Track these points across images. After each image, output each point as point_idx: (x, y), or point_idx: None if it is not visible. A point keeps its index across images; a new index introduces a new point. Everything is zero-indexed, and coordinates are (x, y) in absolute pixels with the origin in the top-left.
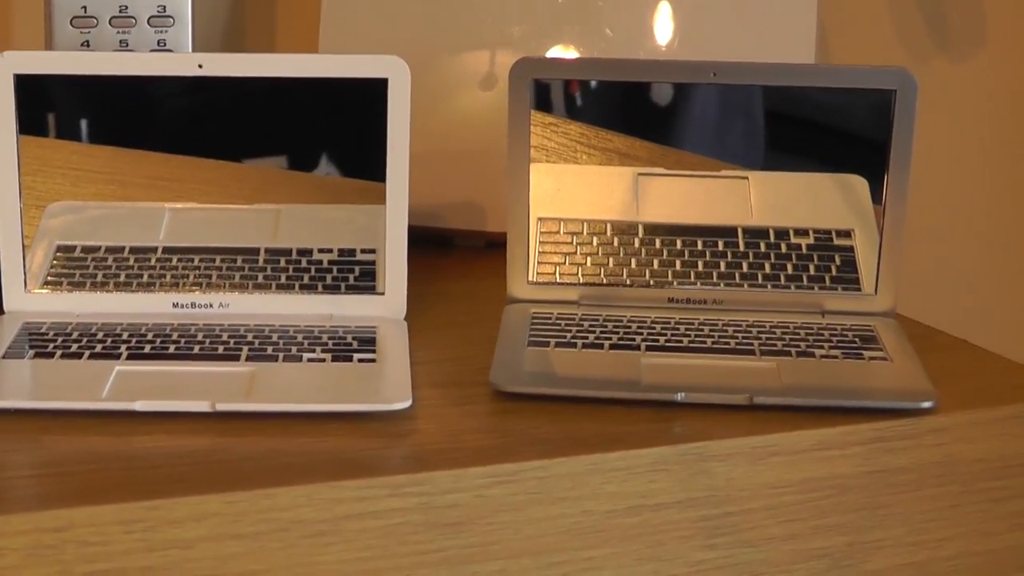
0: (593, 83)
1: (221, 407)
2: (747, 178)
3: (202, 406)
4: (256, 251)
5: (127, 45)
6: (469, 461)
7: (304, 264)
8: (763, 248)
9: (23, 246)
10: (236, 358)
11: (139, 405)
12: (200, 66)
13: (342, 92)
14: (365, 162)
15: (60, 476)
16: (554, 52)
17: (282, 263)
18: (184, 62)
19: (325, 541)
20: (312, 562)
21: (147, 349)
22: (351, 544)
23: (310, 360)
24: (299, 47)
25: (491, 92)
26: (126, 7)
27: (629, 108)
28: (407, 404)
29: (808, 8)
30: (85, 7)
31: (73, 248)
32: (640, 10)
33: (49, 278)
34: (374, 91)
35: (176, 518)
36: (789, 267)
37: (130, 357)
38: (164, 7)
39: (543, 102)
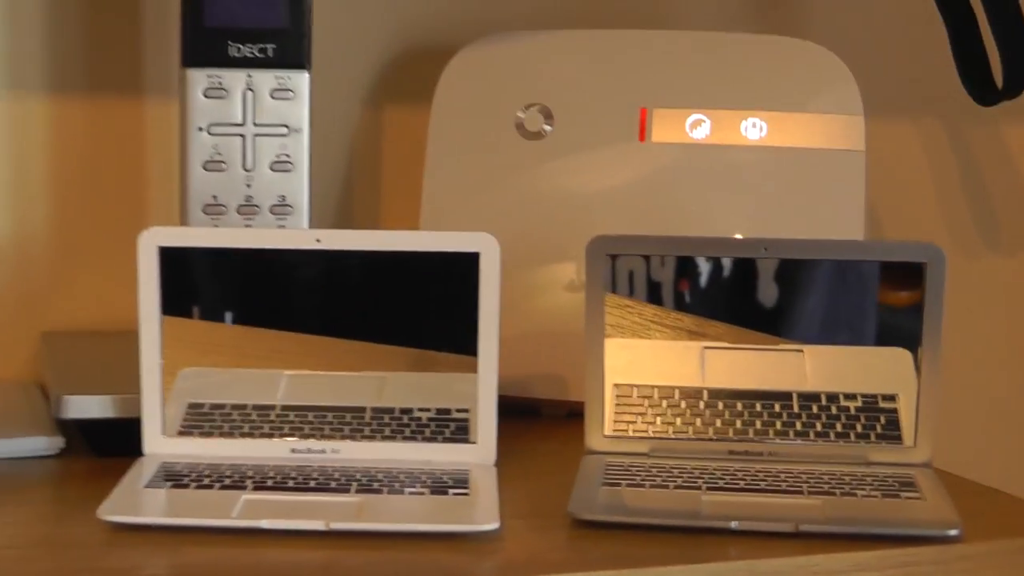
0: (663, 266)
1: (335, 526)
2: (802, 351)
3: (318, 525)
4: (363, 409)
5: None
6: (550, 571)
7: (405, 420)
8: (815, 410)
9: (163, 399)
10: (347, 491)
11: (264, 523)
12: (318, 240)
13: (439, 267)
14: (459, 334)
15: (192, 573)
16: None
17: (385, 419)
18: (304, 237)
19: None
20: None
21: (269, 483)
22: None
23: (411, 493)
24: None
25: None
26: (251, 197)
27: (699, 289)
28: (496, 526)
29: (856, 190)
30: (216, 196)
31: (202, 405)
32: (707, 194)
33: (182, 429)
34: (467, 266)
35: None
36: (838, 426)
37: (255, 488)
38: (284, 196)
39: (619, 284)
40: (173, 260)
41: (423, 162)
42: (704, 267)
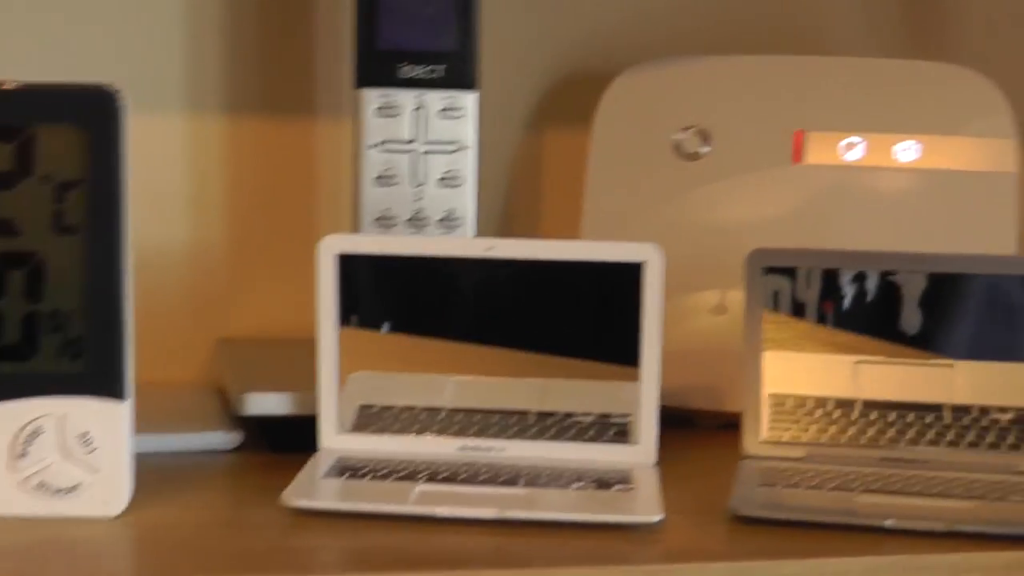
0: (812, 282)
1: (506, 515)
2: (952, 366)
3: (490, 513)
4: (526, 413)
5: None
6: (711, 559)
7: (567, 423)
8: (966, 421)
9: (338, 398)
10: (515, 484)
11: (439, 511)
12: (490, 248)
13: (603, 277)
14: (619, 344)
15: (370, 555)
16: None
17: (548, 422)
18: (477, 245)
19: None
20: None
21: (441, 476)
22: None
23: (576, 488)
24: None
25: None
26: (420, 210)
27: (849, 305)
28: (659, 518)
29: (1008, 212)
30: (387, 209)
31: (372, 406)
32: (859, 215)
33: (354, 426)
34: (631, 276)
35: None
36: (989, 436)
37: (428, 480)
38: (451, 210)
39: (772, 298)
40: (344, 270)
41: (581, 184)
42: (855, 283)
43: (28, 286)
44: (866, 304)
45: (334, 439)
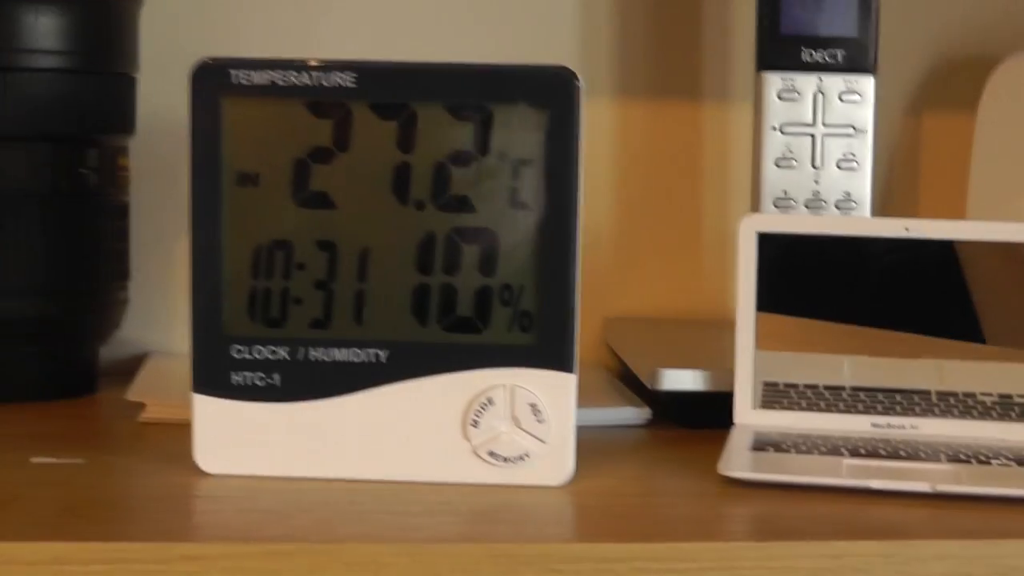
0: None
1: (940, 488)
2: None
3: (924, 487)
4: (928, 392)
5: None
6: None
7: (970, 403)
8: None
9: (754, 375)
10: (937, 460)
11: (874, 483)
12: (907, 229)
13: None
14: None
15: (810, 524)
16: None
17: (951, 401)
18: (893, 225)
19: None
20: None
21: (862, 452)
22: None
23: (998, 464)
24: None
25: None
26: (818, 192)
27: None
28: None
29: None
30: (785, 191)
31: (776, 384)
32: None
33: (763, 403)
34: None
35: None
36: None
37: (851, 455)
38: (849, 193)
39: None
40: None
41: (958, 169)
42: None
43: (482, 261)
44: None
45: (749, 415)
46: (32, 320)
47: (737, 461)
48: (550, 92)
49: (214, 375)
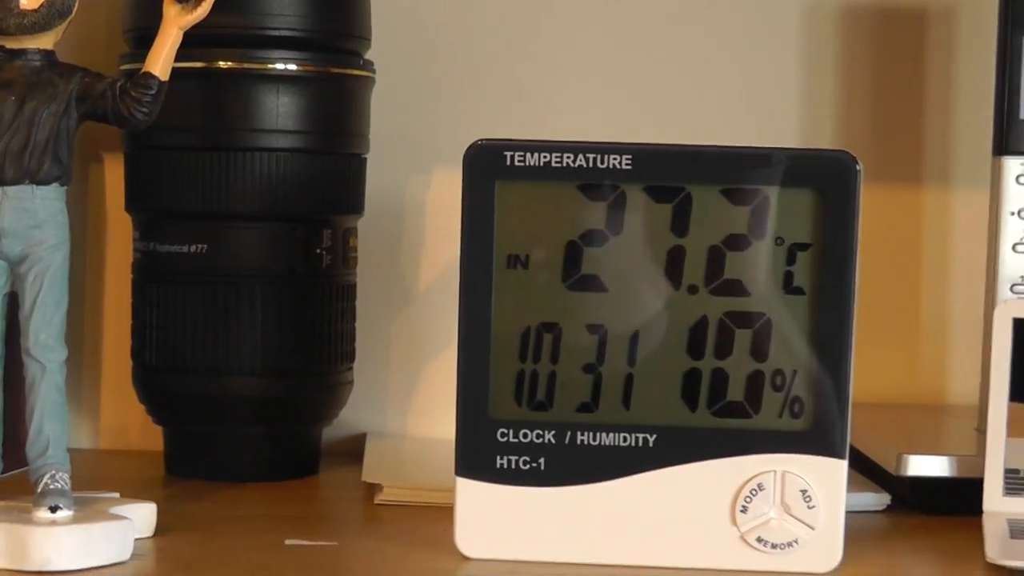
0: None
1: None
2: None
3: None
4: None
5: None
6: None
7: None
8: None
9: (1004, 463)
10: None
11: None
12: None
13: None
14: None
15: None
16: None
17: None
18: None
19: None
20: None
21: None
22: None
23: None
24: None
25: None
26: None
27: None
28: None
29: None
30: (1023, 276)
31: (1018, 471)
32: None
33: (1006, 491)
34: None
35: None
36: None
37: None
38: None
39: None
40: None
41: None
42: None
43: (754, 346)
44: None
45: (999, 502)
46: (262, 400)
47: (1003, 549)
48: (830, 176)
49: (479, 458)
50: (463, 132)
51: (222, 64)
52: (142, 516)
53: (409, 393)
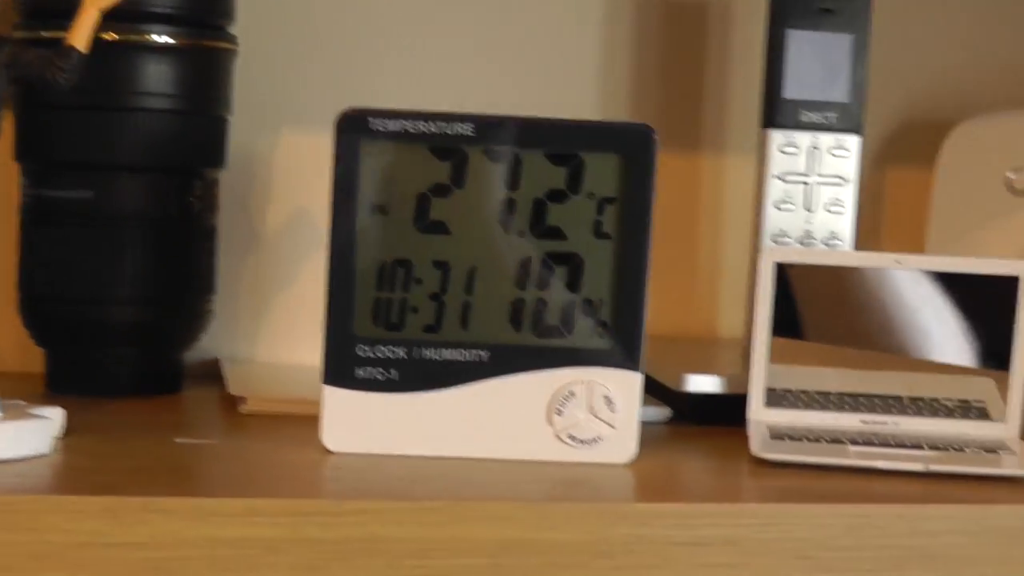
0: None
1: (932, 468)
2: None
3: (918, 466)
4: (901, 398)
5: None
6: None
7: (935, 406)
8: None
9: (764, 379)
10: (920, 448)
11: (879, 463)
12: (897, 262)
13: (978, 289)
14: (985, 350)
15: (831, 492)
16: None
17: (921, 404)
18: (887, 259)
19: None
20: None
21: (860, 441)
22: None
23: (970, 452)
24: None
25: None
26: (809, 231)
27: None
28: None
29: None
30: (782, 230)
31: (775, 390)
32: None
33: (767, 403)
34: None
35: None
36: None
37: (852, 443)
38: (834, 233)
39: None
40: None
41: (916, 215)
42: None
43: (569, 280)
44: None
45: (761, 412)
46: (136, 324)
47: (766, 445)
48: (632, 143)
49: (343, 370)
50: (314, 98)
51: (109, 36)
52: (55, 417)
53: (260, 324)
